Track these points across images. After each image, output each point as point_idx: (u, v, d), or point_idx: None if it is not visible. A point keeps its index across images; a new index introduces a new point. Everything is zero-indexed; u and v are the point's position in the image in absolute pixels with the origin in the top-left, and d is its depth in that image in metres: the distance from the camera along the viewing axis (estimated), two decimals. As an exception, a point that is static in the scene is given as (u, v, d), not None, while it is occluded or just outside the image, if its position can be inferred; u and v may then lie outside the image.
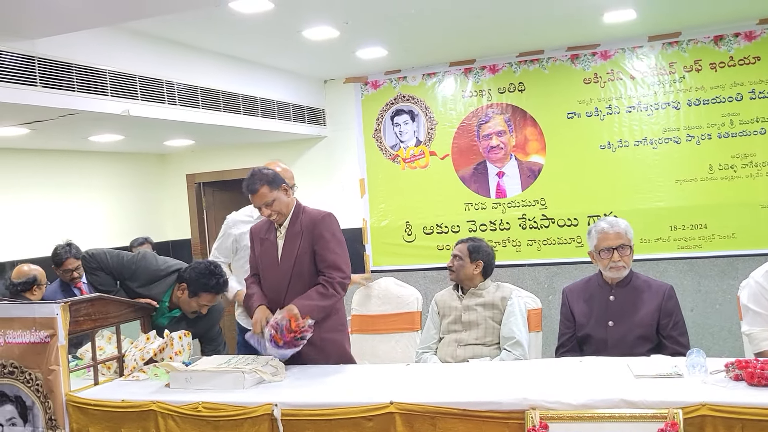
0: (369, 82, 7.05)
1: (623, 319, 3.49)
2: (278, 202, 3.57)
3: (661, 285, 3.56)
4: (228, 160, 7.69)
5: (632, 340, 3.44)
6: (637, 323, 3.47)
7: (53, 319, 3.01)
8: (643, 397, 2.47)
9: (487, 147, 6.67)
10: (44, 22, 3.87)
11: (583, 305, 3.62)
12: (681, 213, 6.14)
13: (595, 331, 3.53)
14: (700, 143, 6.08)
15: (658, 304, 3.48)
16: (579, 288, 3.71)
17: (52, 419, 3.00)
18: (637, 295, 3.53)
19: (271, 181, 3.56)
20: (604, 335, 3.50)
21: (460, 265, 3.93)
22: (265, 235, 3.70)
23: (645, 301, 3.50)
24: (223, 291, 3.85)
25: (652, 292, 3.52)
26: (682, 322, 3.51)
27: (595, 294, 3.61)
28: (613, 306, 3.53)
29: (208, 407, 2.82)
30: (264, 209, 3.57)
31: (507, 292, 3.92)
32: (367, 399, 2.70)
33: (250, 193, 3.56)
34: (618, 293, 3.55)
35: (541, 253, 6.53)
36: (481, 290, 3.93)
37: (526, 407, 2.51)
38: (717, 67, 6.00)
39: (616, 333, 3.48)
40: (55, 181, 6.59)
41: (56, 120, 4.73)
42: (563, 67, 6.42)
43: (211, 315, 3.93)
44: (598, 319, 3.55)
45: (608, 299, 3.55)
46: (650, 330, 3.47)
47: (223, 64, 5.74)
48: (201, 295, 3.76)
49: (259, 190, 3.53)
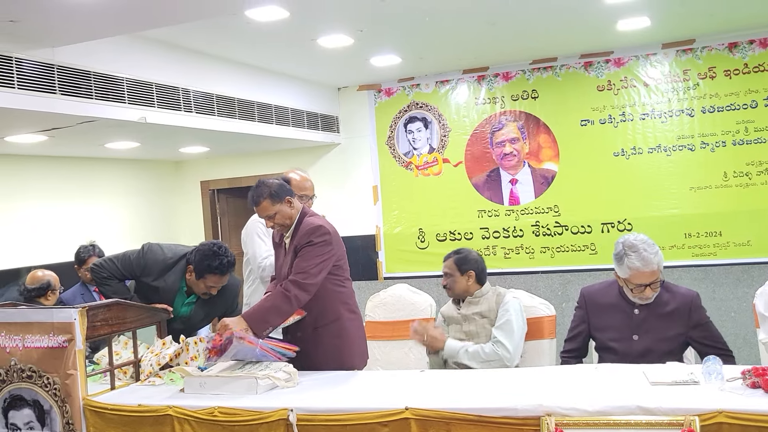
0: (382, 90, 7.07)
1: (649, 334, 3.38)
2: (280, 214, 3.57)
3: (686, 295, 3.42)
4: (242, 167, 7.73)
5: (659, 354, 3.28)
6: (664, 338, 3.36)
7: (71, 324, 3.03)
8: (660, 404, 2.46)
9: (501, 154, 6.68)
10: (66, 31, 3.94)
11: (605, 314, 3.51)
12: (695, 220, 6.12)
13: (619, 344, 3.42)
14: (715, 150, 6.06)
15: (686, 317, 3.37)
16: (599, 293, 3.59)
17: (69, 423, 3.02)
18: (662, 308, 3.40)
19: (274, 195, 3.54)
20: (628, 349, 3.39)
21: (452, 281, 3.87)
22: (279, 241, 3.75)
23: (671, 314, 3.38)
24: (229, 271, 3.85)
25: (678, 303, 3.39)
26: (713, 327, 3.40)
27: (618, 304, 3.48)
28: (638, 319, 3.42)
29: (223, 412, 2.83)
30: (267, 221, 3.61)
31: (502, 295, 3.85)
32: (382, 404, 2.70)
33: (253, 205, 3.59)
34: (643, 306, 3.42)
35: (555, 260, 6.53)
36: (478, 297, 3.85)
37: (542, 413, 2.50)
38: (731, 74, 5.99)
39: (642, 347, 3.37)
40: (70, 188, 6.66)
41: (74, 127, 4.78)
42: (576, 74, 6.42)
43: (225, 294, 3.98)
44: (621, 332, 3.43)
45: (633, 313, 3.43)
46: (677, 342, 3.37)
47: (238, 72, 5.79)
48: (207, 277, 3.80)
49: (261, 203, 3.55)
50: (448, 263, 3.91)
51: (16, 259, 5.97)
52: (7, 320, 3.16)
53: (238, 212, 8.07)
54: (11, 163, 6.18)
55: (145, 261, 3.90)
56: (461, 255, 3.90)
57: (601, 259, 6.34)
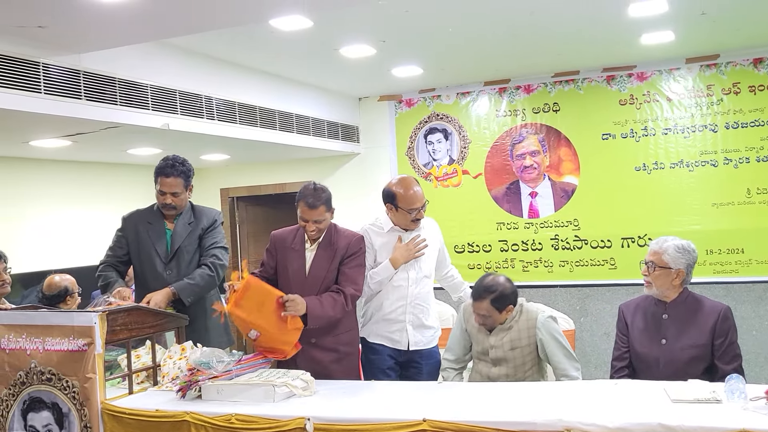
0: (403, 100, 7.08)
1: (676, 338, 3.45)
2: (325, 222, 3.67)
3: (717, 305, 3.48)
4: (262, 175, 7.76)
5: (686, 359, 3.38)
6: (690, 343, 3.41)
7: (91, 328, 3.05)
8: (681, 422, 2.42)
9: (521, 167, 6.66)
10: (93, 37, 4.00)
11: (639, 321, 3.58)
12: (717, 237, 6.07)
13: (648, 348, 3.49)
14: (738, 167, 6.01)
15: (713, 324, 3.41)
16: (635, 303, 3.66)
17: (88, 427, 3.03)
18: (690, 314, 3.46)
19: (328, 202, 3.66)
20: (657, 353, 3.45)
21: (492, 320, 3.57)
22: (293, 244, 3.75)
23: (699, 321, 3.44)
24: (174, 173, 3.97)
25: (707, 312, 3.45)
26: (734, 346, 3.42)
27: (650, 311, 3.57)
28: (667, 324, 3.49)
29: (241, 419, 2.83)
30: (312, 224, 3.62)
31: (533, 320, 3.59)
32: (400, 415, 2.69)
33: (310, 207, 3.58)
34: (672, 312, 3.50)
35: (574, 274, 6.49)
36: (510, 322, 3.60)
37: (561, 429, 2.48)
38: (756, 90, 5.94)
39: (669, 352, 3.43)
40: (91, 192, 6.72)
41: (98, 132, 4.83)
42: (599, 87, 6.40)
43: (202, 220, 4.10)
44: (651, 337, 3.50)
45: (662, 317, 3.51)
46: (704, 351, 3.40)
47: (260, 81, 5.82)
48: (158, 182, 4.00)
49: (319, 207, 3.60)
50: (484, 306, 3.51)
51: (39, 262, 6.02)
52: (27, 323, 3.19)
53: (257, 220, 8.10)
54: (34, 167, 6.25)
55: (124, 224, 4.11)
56: (496, 294, 3.50)
57: (621, 273, 6.29)
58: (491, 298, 3.49)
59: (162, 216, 4.10)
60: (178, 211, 4.07)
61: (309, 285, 3.65)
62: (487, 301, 3.49)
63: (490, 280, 3.54)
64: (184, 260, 4.01)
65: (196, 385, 3.12)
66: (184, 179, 4.02)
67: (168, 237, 4.06)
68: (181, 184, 4.00)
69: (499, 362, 3.57)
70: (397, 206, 3.84)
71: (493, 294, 3.48)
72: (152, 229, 4.06)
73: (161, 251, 4.01)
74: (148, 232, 4.04)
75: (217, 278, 4.03)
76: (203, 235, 4.08)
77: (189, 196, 4.12)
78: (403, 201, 3.82)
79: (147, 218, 4.11)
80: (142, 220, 4.11)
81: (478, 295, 3.53)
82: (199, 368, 3.20)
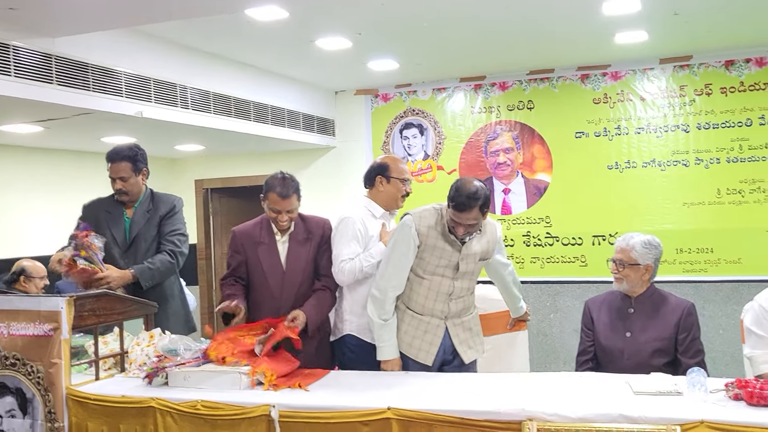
0: (379, 95, 7.09)
1: (641, 332, 3.53)
2: (296, 211, 3.65)
3: (682, 301, 3.58)
4: (237, 167, 7.74)
5: (649, 352, 3.48)
6: (655, 337, 3.50)
7: (57, 313, 3.03)
8: (642, 413, 2.46)
9: (494, 163, 6.70)
10: (66, 21, 3.95)
11: (605, 315, 3.66)
12: (687, 236, 6.14)
13: (613, 341, 3.58)
14: (709, 167, 6.09)
15: (678, 319, 3.50)
16: (601, 299, 3.75)
17: (52, 412, 3.01)
18: (656, 309, 3.56)
19: (298, 191, 3.63)
20: (621, 346, 3.54)
21: (477, 227, 3.38)
22: (261, 238, 3.67)
23: (664, 316, 3.54)
24: (119, 158, 3.96)
25: (672, 308, 3.54)
26: (697, 341, 3.52)
27: (616, 305, 3.65)
28: (633, 318, 3.58)
29: (206, 406, 2.83)
30: (284, 215, 3.58)
31: (493, 233, 3.56)
32: (365, 404, 2.71)
33: (282, 197, 3.53)
34: (638, 306, 3.59)
35: (544, 270, 6.54)
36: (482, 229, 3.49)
37: (524, 418, 2.51)
38: (727, 92, 6.02)
39: (634, 344, 3.52)
40: (63, 181, 6.64)
41: (70, 119, 4.78)
42: (573, 86, 6.45)
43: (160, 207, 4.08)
44: (616, 330, 3.59)
45: (628, 311, 3.59)
46: (668, 344, 3.50)
47: (236, 71, 5.80)
48: (109, 168, 3.99)
49: (291, 196, 3.57)
50: (473, 214, 3.27)
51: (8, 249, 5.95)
52: (-8, 307, 3.15)
53: (231, 212, 8.07)
54: (5, 153, 6.17)
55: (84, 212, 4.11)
56: (482, 199, 3.27)
57: (591, 271, 6.35)
58: (479, 205, 3.27)
59: (121, 204, 4.07)
60: (131, 197, 4.04)
61: (288, 279, 3.62)
62: (476, 209, 3.26)
63: (470, 186, 3.28)
64: (142, 248, 3.98)
65: (163, 372, 3.11)
66: (132, 163, 3.99)
67: (127, 225, 4.03)
68: (129, 168, 3.98)
69: (464, 275, 3.46)
70: (389, 177, 3.78)
71: (480, 200, 3.26)
72: (110, 218, 4.03)
73: (119, 239, 3.98)
74: (106, 221, 4.00)
75: (177, 265, 4.01)
76: (162, 222, 4.05)
77: (143, 182, 4.09)
78: (395, 170, 3.79)
79: (106, 207, 4.08)
80: (102, 208, 4.08)
81: (464, 205, 3.25)
82: (166, 355, 3.19)
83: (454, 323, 3.50)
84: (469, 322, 3.57)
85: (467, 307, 3.57)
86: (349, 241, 3.61)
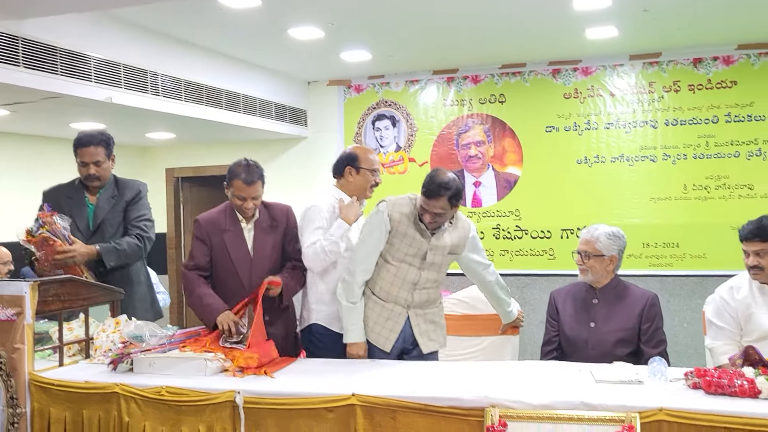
0: (352, 86, 7.08)
1: (605, 322, 3.58)
2: (260, 198, 3.64)
3: (645, 292, 3.64)
4: (207, 156, 7.69)
5: (613, 342, 3.53)
6: (618, 327, 3.56)
7: (21, 298, 3.00)
8: (603, 400, 2.51)
9: (466, 156, 6.73)
10: (34, 3, 3.88)
11: (569, 306, 3.71)
12: (654, 231, 6.23)
13: (578, 331, 3.63)
14: (676, 163, 6.17)
15: (641, 310, 3.56)
16: (566, 290, 3.81)
17: (14, 398, 2.98)
18: (619, 299, 3.61)
19: (263, 177, 3.62)
20: (586, 336, 3.59)
21: (443, 219, 3.41)
22: (226, 226, 3.64)
23: (627, 306, 3.59)
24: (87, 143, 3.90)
25: (636, 299, 3.60)
26: (660, 331, 3.58)
27: (581, 296, 3.70)
28: (597, 308, 3.63)
29: (171, 392, 2.82)
30: (249, 201, 3.57)
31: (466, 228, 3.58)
32: (329, 390, 2.72)
33: (247, 183, 3.52)
34: (602, 297, 3.64)
35: (513, 263, 6.59)
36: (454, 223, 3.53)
37: (486, 405, 2.53)
38: (695, 89, 6.10)
39: (597, 334, 3.57)
40: (33, 167, 6.55)
41: (38, 103, 4.72)
42: (544, 80, 6.50)
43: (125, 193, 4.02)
44: (581, 321, 3.64)
45: (592, 302, 3.64)
46: (631, 334, 3.55)
47: (208, 59, 5.76)
48: (77, 153, 3.93)
49: (256, 182, 3.56)
50: (441, 203, 3.30)
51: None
52: (-46, 291, 3.11)
53: (201, 201, 8.01)
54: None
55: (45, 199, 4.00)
56: (452, 191, 3.30)
57: (559, 264, 6.42)
58: (449, 195, 3.29)
59: (84, 190, 4.00)
60: (102, 182, 3.98)
61: (256, 266, 3.61)
62: (444, 199, 3.28)
63: (443, 176, 3.31)
64: (108, 234, 3.91)
65: (128, 358, 3.09)
66: (105, 147, 3.94)
67: (90, 211, 3.97)
68: (103, 153, 3.93)
69: (431, 266, 3.48)
70: (358, 167, 3.76)
71: (450, 191, 3.28)
72: (73, 204, 3.94)
73: (82, 226, 3.90)
74: (69, 207, 3.91)
75: (144, 250, 3.96)
76: (128, 208, 3.99)
77: (112, 167, 4.04)
78: (365, 161, 3.77)
79: (67, 193, 4.00)
80: (63, 194, 3.99)
81: (434, 192, 3.28)
82: (132, 341, 3.18)
83: (416, 313, 3.53)
84: (432, 315, 3.60)
85: (432, 300, 3.59)
86: (315, 230, 3.61)
